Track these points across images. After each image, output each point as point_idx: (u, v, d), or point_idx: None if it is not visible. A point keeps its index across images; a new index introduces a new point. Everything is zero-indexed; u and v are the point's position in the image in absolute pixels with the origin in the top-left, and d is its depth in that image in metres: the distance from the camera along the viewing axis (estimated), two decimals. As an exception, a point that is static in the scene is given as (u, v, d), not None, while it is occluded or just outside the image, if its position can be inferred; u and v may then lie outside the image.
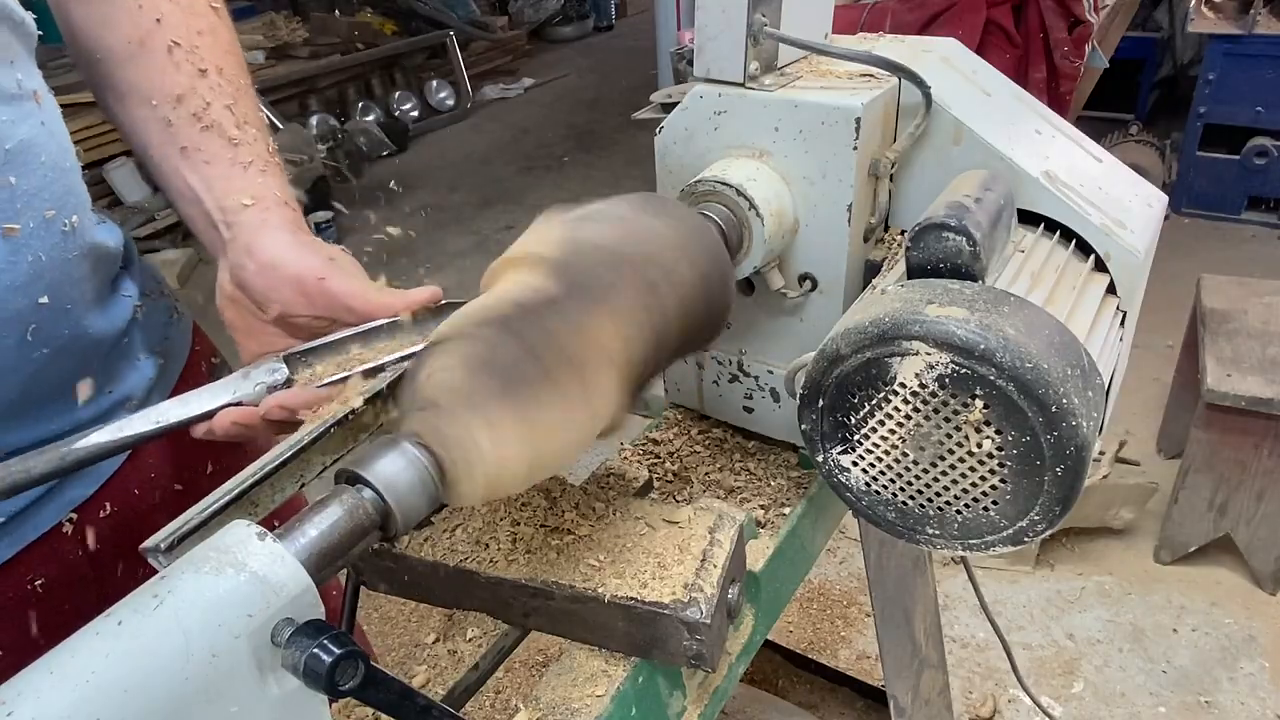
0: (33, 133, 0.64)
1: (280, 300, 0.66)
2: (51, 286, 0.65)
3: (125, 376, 0.76)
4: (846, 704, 1.49)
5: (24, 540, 0.71)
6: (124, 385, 0.76)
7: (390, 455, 0.48)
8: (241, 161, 0.70)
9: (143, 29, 0.70)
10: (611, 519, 0.67)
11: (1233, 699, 2.01)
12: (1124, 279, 0.71)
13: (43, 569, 0.73)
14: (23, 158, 0.63)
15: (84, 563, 0.75)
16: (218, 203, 0.69)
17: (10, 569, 0.71)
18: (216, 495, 0.54)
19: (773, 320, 0.79)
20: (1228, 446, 2.11)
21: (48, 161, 0.65)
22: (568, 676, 0.62)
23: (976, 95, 0.76)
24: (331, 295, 0.65)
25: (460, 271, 4.30)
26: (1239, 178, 3.87)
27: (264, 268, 0.66)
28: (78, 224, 0.68)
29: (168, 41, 0.70)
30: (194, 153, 0.70)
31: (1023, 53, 2.96)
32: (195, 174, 0.70)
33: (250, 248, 0.67)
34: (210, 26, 0.73)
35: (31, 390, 0.67)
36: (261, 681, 0.39)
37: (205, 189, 0.69)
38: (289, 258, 0.66)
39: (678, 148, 0.77)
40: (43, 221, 0.64)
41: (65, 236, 0.67)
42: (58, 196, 0.66)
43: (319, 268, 0.66)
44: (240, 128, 0.71)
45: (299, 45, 5.83)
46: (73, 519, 0.74)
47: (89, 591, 0.76)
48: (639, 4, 8.81)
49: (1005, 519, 0.56)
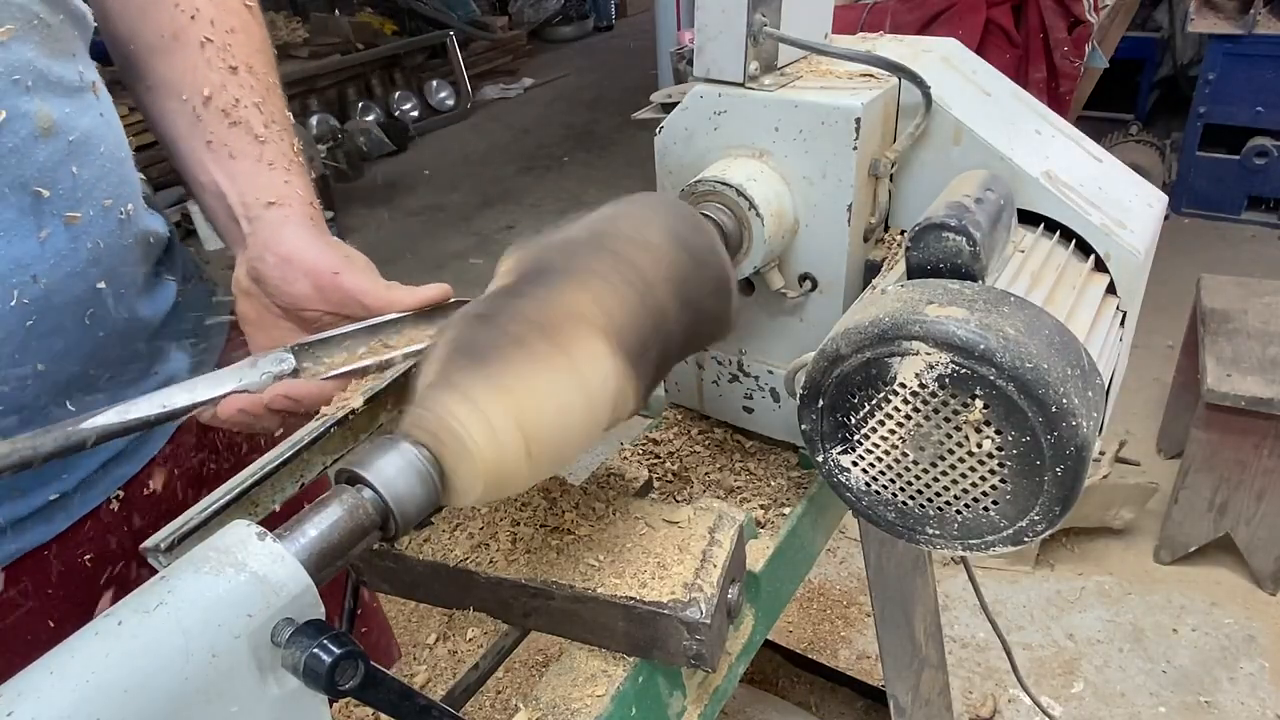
0: (93, 124, 0.66)
1: (295, 293, 0.67)
2: (108, 272, 0.67)
3: (170, 357, 0.78)
4: (846, 704, 1.49)
5: (75, 515, 0.73)
6: (167, 368, 0.78)
7: (390, 455, 0.48)
8: (267, 159, 0.72)
9: (177, 23, 0.71)
10: (611, 519, 0.67)
11: (1233, 699, 2.01)
12: (1124, 279, 0.71)
13: (91, 545, 0.75)
14: (84, 149, 0.65)
15: (128, 539, 0.77)
16: (241, 198, 0.70)
17: (64, 543, 0.73)
18: (216, 495, 0.55)
19: (773, 320, 0.79)
20: (1228, 446, 2.11)
21: (106, 152, 0.67)
22: (568, 676, 0.62)
23: (976, 95, 0.76)
24: (345, 290, 0.66)
25: (460, 271, 4.30)
26: (1239, 178, 3.87)
27: (281, 260, 0.67)
28: (132, 212, 0.70)
29: (200, 37, 0.71)
30: (220, 147, 0.71)
31: (1023, 53, 2.96)
32: (220, 168, 0.71)
33: (269, 242, 0.68)
34: (243, 25, 0.75)
35: (87, 372, 0.69)
36: (261, 681, 0.39)
37: (229, 183, 0.70)
38: (307, 253, 0.67)
39: (678, 148, 0.77)
40: (101, 210, 0.66)
41: (121, 224, 0.69)
42: (114, 186, 0.68)
43: (335, 263, 0.67)
44: (267, 126, 0.72)
45: (299, 45, 5.82)
46: (119, 496, 0.76)
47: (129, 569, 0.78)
48: (639, 4, 8.80)
49: (1005, 519, 0.56)
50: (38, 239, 0.61)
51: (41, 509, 0.70)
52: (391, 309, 0.66)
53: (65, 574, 0.73)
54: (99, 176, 0.66)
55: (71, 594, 0.74)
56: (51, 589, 0.73)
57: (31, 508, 0.69)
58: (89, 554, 0.75)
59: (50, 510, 0.71)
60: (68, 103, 0.64)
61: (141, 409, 0.60)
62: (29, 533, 0.70)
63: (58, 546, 0.72)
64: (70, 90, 0.65)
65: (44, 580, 0.72)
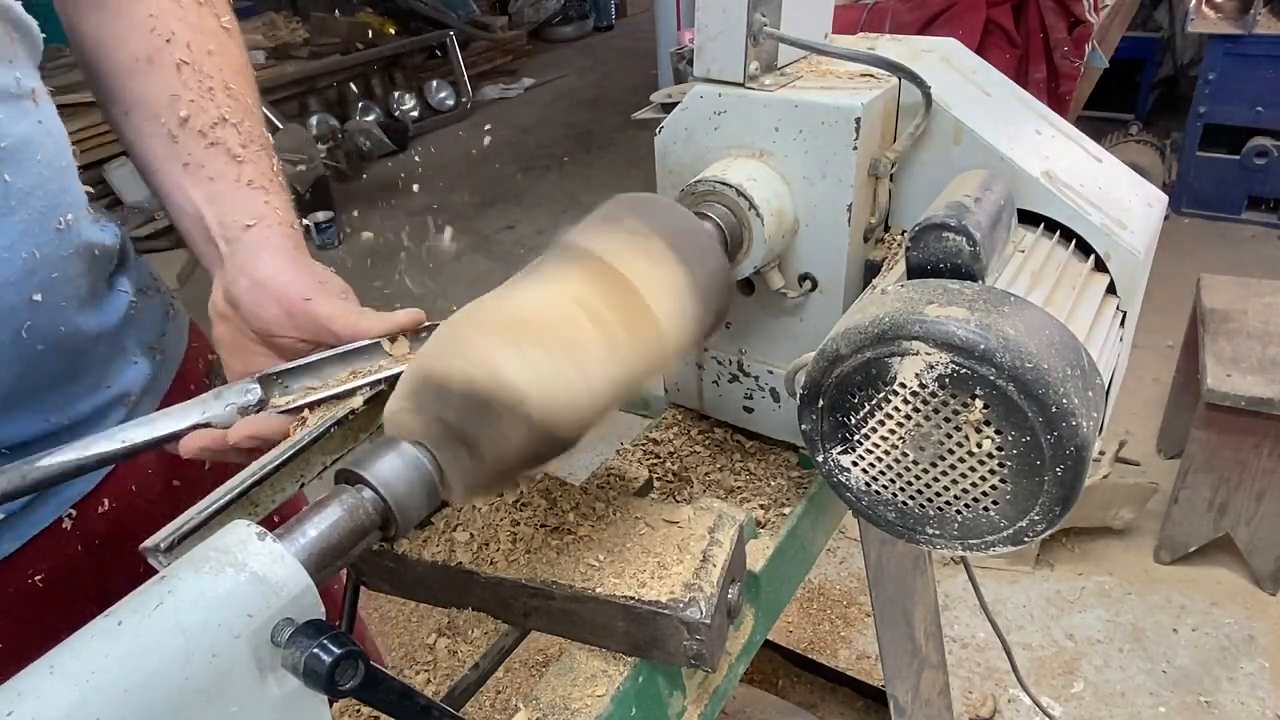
0: (29, 131, 0.65)
1: (266, 318, 0.66)
2: (45, 284, 0.66)
3: (121, 373, 0.77)
4: (846, 704, 1.49)
5: (25, 536, 0.71)
6: (120, 381, 0.76)
7: (390, 455, 0.48)
8: (245, 179, 0.71)
9: (152, 46, 0.71)
10: (611, 519, 0.67)
11: (1233, 699, 2.01)
12: (1124, 279, 0.71)
13: (43, 564, 0.73)
14: (18, 155, 0.63)
15: (82, 558, 0.76)
16: (219, 219, 0.69)
17: (12, 564, 0.71)
18: (216, 495, 0.55)
19: (773, 320, 0.79)
20: (1228, 446, 2.11)
21: (43, 160, 0.66)
22: (568, 676, 0.62)
23: (976, 95, 0.76)
24: (315, 317, 0.65)
25: (460, 271, 4.30)
26: (1239, 178, 3.87)
27: (254, 285, 0.66)
28: (72, 222, 0.68)
29: (177, 59, 0.71)
30: (197, 169, 0.70)
31: (1023, 53, 2.96)
32: (198, 190, 0.70)
33: (244, 265, 0.67)
34: (220, 46, 0.74)
35: (27, 385, 0.67)
36: (261, 681, 0.39)
37: (207, 204, 0.70)
38: (281, 278, 0.66)
39: (678, 148, 0.77)
40: (36, 219, 0.65)
41: (59, 235, 0.67)
42: (52, 195, 0.66)
43: (307, 289, 0.66)
44: (245, 146, 0.72)
45: (299, 45, 5.82)
46: (72, 514, 0.74)
47: (89, 587, 0.76)
48: (639, 4, 8.80)
49: (1005, 519, 0.56)
50: None
51: None
52: (362, 336, 0.65)
53: (14, 595, 0.72)
54: (35, 185, 0.65)
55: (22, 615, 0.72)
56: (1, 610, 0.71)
57: None
58: (39, 575, 0.73)
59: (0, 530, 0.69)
60: (1, 108, 0.63)
61: (101, 446, 0.59)
62: None
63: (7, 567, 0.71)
64: (5, 96, 0.63)
65: None
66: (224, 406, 0.63)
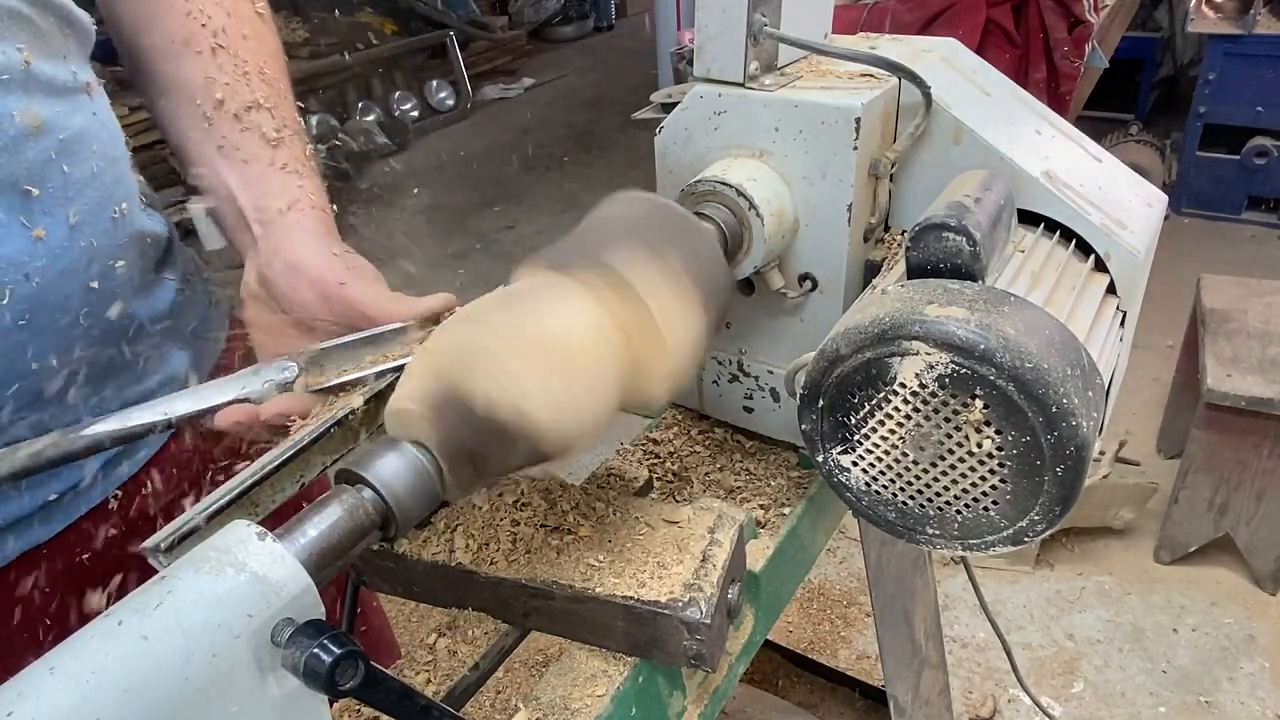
0: (85, 124, 0.66)
1: (301, 301, 0.67)
2: (103, 271, 0.67)
3: (169, 359, 0.78)
4: (846, 704, 1.49)
5: (75, 514, 0.73)
6: (168, 368, 0.78)
7: (390, 455, 0.48)
8: (279, 162, 0.72)
9: (189, 29, 0.71)
10: (611, 519, 0.67)
11: (1233, 699, 2.01)
12: (1124, 279, 0.71)
13: (90, 544, 0.75)
14: (75, 148, 0.65)
15: (125, 539, 0.77)
16: (253, 202, 0.70)
17: (62, 542, 0.73)
18: (216, 495, 0.55)
19: (773, 320, 0.79)
20: (1228, 446, 2.11)
21: (99, 151, 0.67)
22: (568, 676, 0.62)
23: (976, 95, 0.76)
24: (349, 301, 0.66)
25: (460, 271, 4.30)
26: (1239, 178, 3.87)
27: (289, 267, 0.68)
28: (126, 211, 0.70)
29: (212, 43, 0.72)
30: (232, 151, 0.71)
31: (1023, 53, 2.96)
32: (233, 172, 0.71)
33: (279, 248, 0.68)
34: (255, 31, 0.75)
35: (85, 371, 0.69)
36: (261, 681, 0.39)
37: (241, 187, 0.70)
38: (314, 261, 0.67)
39: (678, 148, 0.77)
40: (94, 208, 0.67)
41: (115, 223, 0.69)
42: (108, 185, 0.68)
43: (340, 273, 0.67)
44: (279, 130, 0.72)
45: (299, 45, 5.81)
46: (118, 495, 0.76)
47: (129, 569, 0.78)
48: (639, 4, 8.80)
49: (1005, 519, 0.56)
50: (30, 237, 0.62)
51: (40, 508, 0.70)
52: (395, 319, 0.66)
53: (63, 572, 0.73)
54: (91, 175, 0.66)
55: (68, 593, 0.74)
56: (50, 588, 0.73)
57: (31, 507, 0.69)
58: (86, 554, 0.75)
59: (49, 510, 0.71)
60: (58, 102, 0.64)
61: (144, 415, 0.61)
62: (29, 532, 0.70)
63: (56, 546, 0.72)
64: (61, 90, 0.65)
65: (42, 579, 0.72)
66: (262, 383, 0.64)
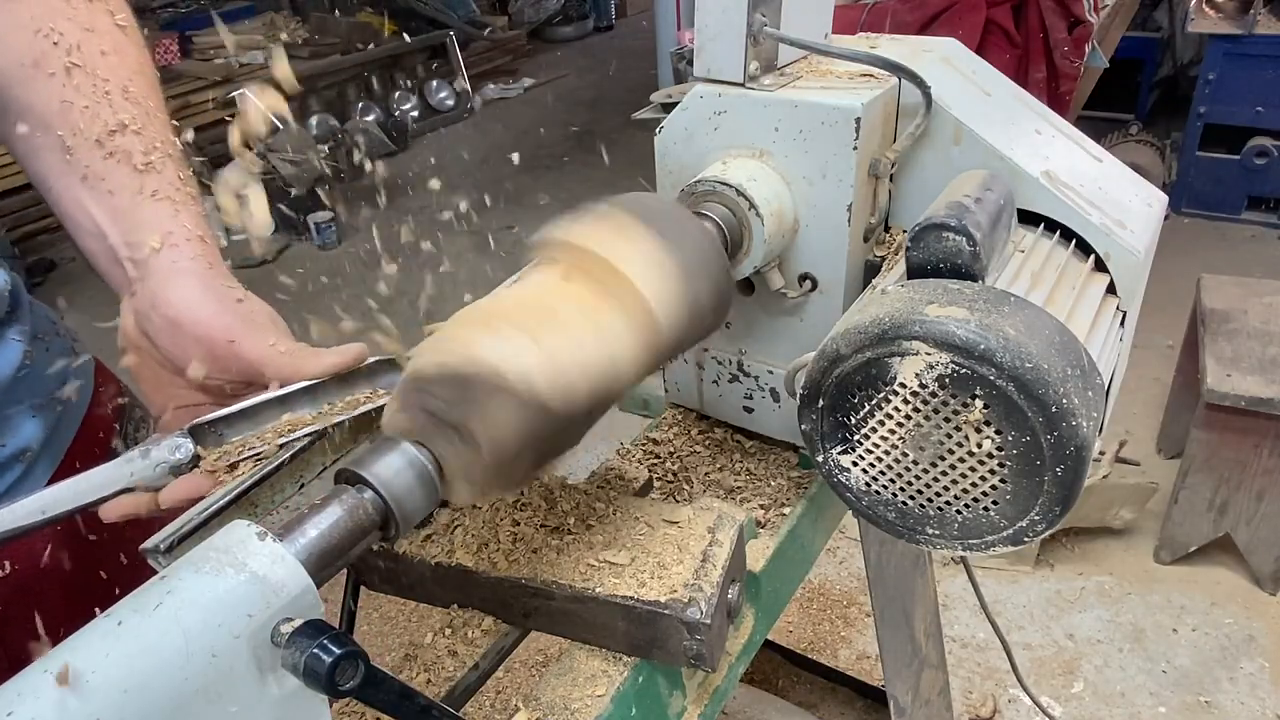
0: None
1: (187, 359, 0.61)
2: None
3: (18, 429, 0.72)
4: (846, 704, 1.49)
5: None
6: (17, 439, 0.71)
7: (390, 455, 0.48)
8: (149, 191, 0.65)
9: (38, 49, 0.64)
10: (611, 519, 0.67)
11: (1233, 699, 2.01)
12: (1124, 279, 0.71)
13: None
14: None
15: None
16: (123, 238, 0.64)
17: None
18: (216, 495, 0.55)
19: (773, 320, 0.79)
20: (1228, 446, 2.11)
21: None
22: (568, 676, 0.62)
23: (976, 95, 0.76)
24: (243, 360, 0.60)
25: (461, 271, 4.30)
26: (1239, 178, 3.87)
27: (171, 325, 0.61)
28: None
29: (66, 62, 0.64)
30: (97, 182, 0.64)
31: (1023, 53, 2.96)
32: (99, 205, 0.64)
33: (156, 299, 0.62)
34: (116, 45, 0.67)
35: None
36: (261, 681, 0.39)
37: (109, 222, 0.64)
38: (199, 315, 0.61)
39: (678, 148, 0.77)
40: None
41: None
42: None
43: (228, 328, 0.61)
44: (148, 154, 0.65)
45: (299, 45, 5.82)
46: None
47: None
48: (639, 4, 8.79)
49: (1005, 519, 0.56)
50: None
51: None
52: (297, 378, 0.60)
53: None
54: None
55: None
56: None
57: None
58: None
59: None
60: None
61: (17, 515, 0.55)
62: None
63: None
64: None
65: None
66: (153, 467, 0.57)
